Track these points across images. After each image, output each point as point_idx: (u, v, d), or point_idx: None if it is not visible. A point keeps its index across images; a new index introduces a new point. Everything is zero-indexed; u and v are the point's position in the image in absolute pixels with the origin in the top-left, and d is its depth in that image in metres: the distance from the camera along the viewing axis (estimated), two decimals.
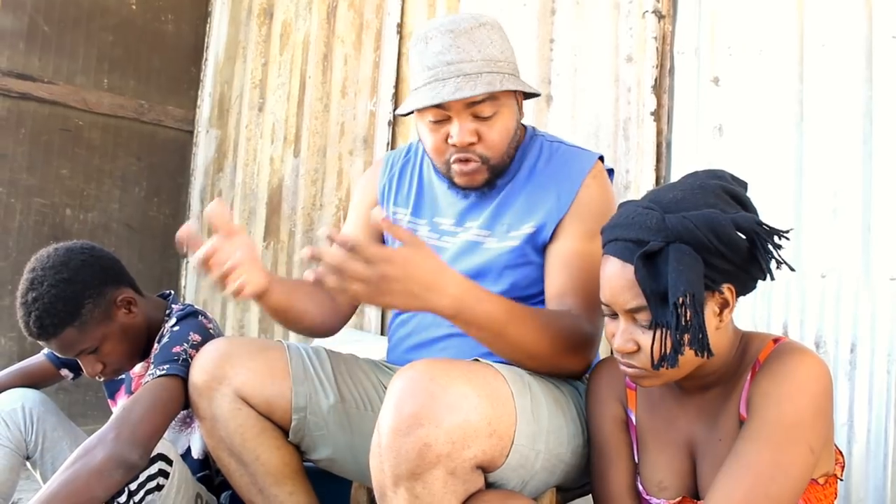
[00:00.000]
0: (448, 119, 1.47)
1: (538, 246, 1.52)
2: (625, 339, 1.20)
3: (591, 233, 1.47)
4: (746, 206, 1.21)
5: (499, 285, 1.52)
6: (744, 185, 1.26)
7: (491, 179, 1.54)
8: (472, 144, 1.47)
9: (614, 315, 1.22)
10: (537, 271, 1.53)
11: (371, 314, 3.26)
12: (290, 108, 3.74)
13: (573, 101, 2.75)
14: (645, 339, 1.17)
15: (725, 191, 1.20)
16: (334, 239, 1.14)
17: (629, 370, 1.22)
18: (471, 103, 1.45)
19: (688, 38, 2.51)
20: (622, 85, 2.64)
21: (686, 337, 1.13)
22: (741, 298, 1.22)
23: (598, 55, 2.70)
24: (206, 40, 4.17)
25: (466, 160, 1.49)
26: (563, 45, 2.80)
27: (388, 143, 3.31)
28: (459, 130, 1.46)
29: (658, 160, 2.53)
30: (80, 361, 1.75)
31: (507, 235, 1.54)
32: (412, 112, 1.51)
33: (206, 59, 4.16)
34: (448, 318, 1.25)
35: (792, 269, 1.17)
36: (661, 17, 2.55)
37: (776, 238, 1.17)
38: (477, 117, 1.46)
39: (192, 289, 4.05)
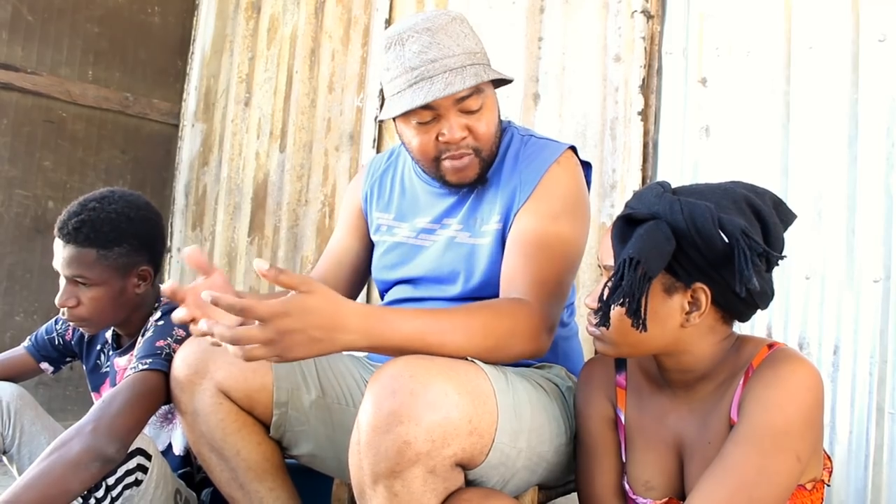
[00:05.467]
0: (436, 119, 1.45)
1: (505, 240, 1.51)
2: (594, 296, 1.21)
3: (552, 213, 1.46)
4: (768, 227, 1.18)
5: (472, 282, 1.52)
6: (785, 213, 1.23)
7: (482, 172, 1.53)
8: (463, 139, 1.47)
9: None
10: None
11: None
12: (277, 103, 3.72)
13: (560, 100, 2.75)
14: None
15: (749, 203, 1.18)
16: (219, 303, 1.08)
17: (590, 328, 1.25)
18: (459, 99, 1.44)
19: (676, 38, 2.51)
20: (610, 84, 2.64)
21: (623, 299, 1.13)
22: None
23: (586, 54, 2.70)
24: (192, 33, 4.14)
25: (460, 156, 1.48)
26: (552, 44, 2.80)
27: (374, 139, 3.30)
28: (451, 127, 1.45)
29: (644, 160, 2.53)
30: (64, 284, 1.73)
31: (480, 231, 1.54)
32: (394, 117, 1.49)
33: (192, 53, 4.13)
34: (362, 350, 1.22)
35: (756, 289, 1.13)
36: (649, 17, 2.55)
37: (761, 256, 1.14)
38: (465, 112, 1.46)
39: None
